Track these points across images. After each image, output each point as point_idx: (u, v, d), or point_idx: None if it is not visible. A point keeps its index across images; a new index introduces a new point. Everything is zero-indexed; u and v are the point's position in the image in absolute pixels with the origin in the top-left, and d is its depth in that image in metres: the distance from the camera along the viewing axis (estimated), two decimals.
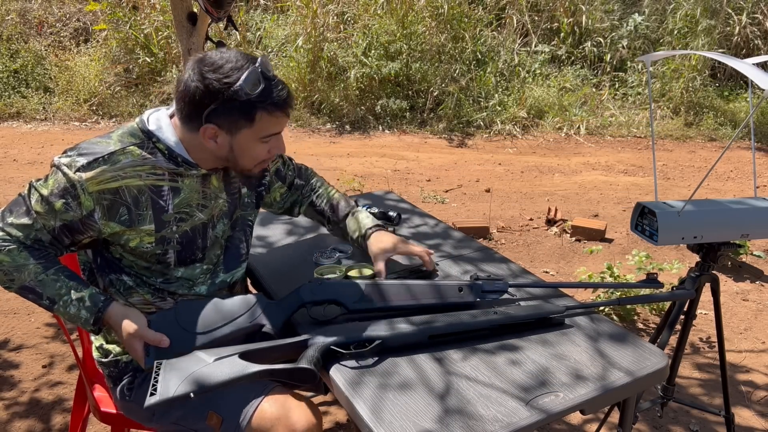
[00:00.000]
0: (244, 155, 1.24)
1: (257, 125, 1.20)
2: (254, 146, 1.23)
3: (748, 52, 7.06)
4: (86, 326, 1.21)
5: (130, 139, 1.22)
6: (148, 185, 1.22)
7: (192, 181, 1.28)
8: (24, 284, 1.19)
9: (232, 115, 1.18)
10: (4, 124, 5.85)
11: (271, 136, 1.24)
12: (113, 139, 1.22)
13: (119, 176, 1.18)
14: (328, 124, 6.23)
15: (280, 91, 1.20)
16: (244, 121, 1.19)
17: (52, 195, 1.16)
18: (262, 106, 1.18)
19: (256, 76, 1.16)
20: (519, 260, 3.49)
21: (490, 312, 1.23)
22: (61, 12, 6.95)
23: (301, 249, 1.64)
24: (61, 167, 1.17)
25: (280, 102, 1.19)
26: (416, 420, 0.99)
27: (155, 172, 1.23)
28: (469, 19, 6.77)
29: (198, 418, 1.28)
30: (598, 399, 1.06)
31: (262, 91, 1.17)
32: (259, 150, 1.25)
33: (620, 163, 5.52)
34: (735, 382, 2.43)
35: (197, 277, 1.34)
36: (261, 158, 1.27)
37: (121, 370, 1.36)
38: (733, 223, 1.50)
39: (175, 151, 1.24)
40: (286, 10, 7.06)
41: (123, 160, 1.19)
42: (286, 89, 1.22)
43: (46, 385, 2.26)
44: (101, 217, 1.18)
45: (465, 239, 1.72)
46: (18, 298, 2.84)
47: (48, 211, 1.17)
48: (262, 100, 1.17)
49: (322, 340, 1.15)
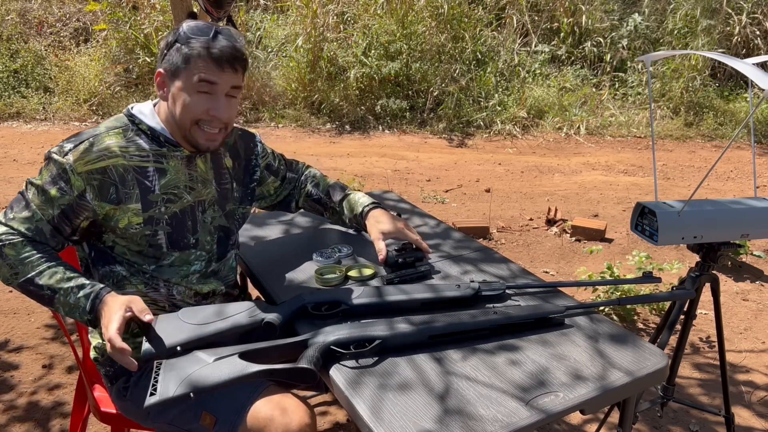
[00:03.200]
0: (181, 105, 1.25)
1: (190, 68, 1.23)
2: (190, 94, 1.24)
3: (748, 52, 7.06)
4: (83, 316, 1.20)
5: (115, 123, 1.30)
6: (132, 165, 1.26)
7: (177, 162, 1.32)
8: (27, 277, 1.19)
9: (173, 58, 1.24)
10: (4, 124, 5.85)
11: (205, 83, 1.23)
12: (101, 127, 1.29)
13: (105, 156, 1.23)
14: (328, 124, 6.23)
15: (221, 44, 1.23)
16: (181, 64, 1.23)
17: (46, 184, 1.21)
18: (197, 52, 1.22)
19: (205, 26, 1.23)
20: (519, 260, 3.49)
21: (489, 312, 1.23)
22: (61, 12, 6.95)
23: (301, 249, 1.64)
24: (51, 156, 1.22)
25: (215, 52, 1.22)
26: (416, 420, 0.99)
27: (140, 153, 1.28)
28: (469, 19, 6.77)
29: (192, 419, 1.28)
30: (597, 399, 1.06)
31: (202, 40, 1.22)
32: (194, 101, 1.24)
33: (620, 163, 5.52)
34: (735, 382, 2.43)
35: (192, 263, 1.36)
36: (197, 113, 1.25)
37: (117, 370, 1.37)
38: (733, 223, 1.50)
39: (156, 130, 1.29)
40: (286, 10, 7.06)
41: (107, 141, 1.25)
42: (230, 47, 1.24)
43: (45, 385, 2.26)
44: (93, 198, 1.23)
45: (465, 239, 1.72)
46: (18, 297, 2.84)
47: (45, 200, 1.21)
48: (200, 45, 1.22)
49: (322, 340, 1.15)
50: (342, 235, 1.74)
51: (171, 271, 1.34)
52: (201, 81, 1.23)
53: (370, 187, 4.57)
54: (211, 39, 1.23)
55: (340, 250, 1.59)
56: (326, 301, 1.29)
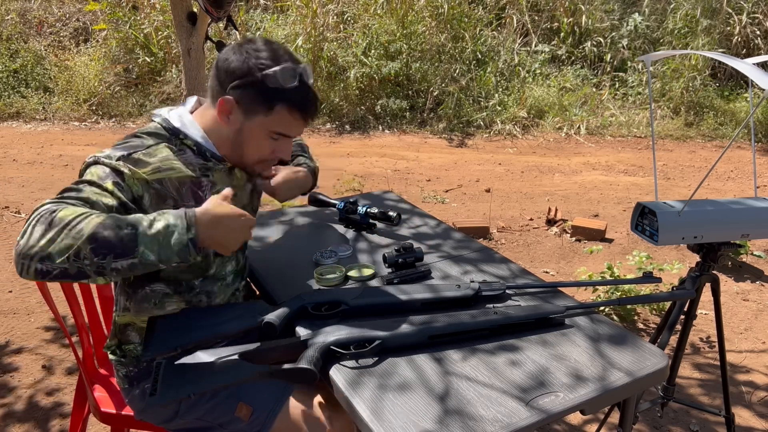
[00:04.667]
0: (250, 144, 1.24)
1: (273, 117, 1.20)
2: (262, 138, 1.23)
3: (748, 52, 7.06)
4: (184, 236, 1.03)
5: (157, 138, 1.22)
6: (186, 178, 1.21)
7: (221, 174, 1.29)
8: (93, 231, 0.98)
9: (254, 96, 1.18)
10: (4, 124, 5.85)
11: (281, 136, 1.24)
12: (143, 137, 1.21)
13: (160, 168, 1.17)
14: (328, 124, 6.23)
15: (309, 97, 1.21)
16: (263, 107, 1.19)
17: (99, 179, 1.09)
18: (286, 101, 1.19)
19: (295, 72, 1.18)
20: (519, 260, 3.49)
21: (489, 312, 1.23)
22: (60, 12, 6.95)
23: (301, 249, 1.64)
24: (99, 160, 1.12)
25: (304, 105, 1.21)
26: (416, 420, 0.99)
27: (190, 168, 1.23)
28: (469, 19, 6.77)
29: (225, 411, 1.28)
30: (598, 399, 1.06)
31: (292, 87, 1.18)
32: (265, 144, 1.24)
33: (620, 163, 5.52)
34: (735, 382, 2.42)
35: (226, 265, 1.34)
36: (264, 155, 1.26)
37: (141, 371, 1.33)
38: (733, 223, 1.50)
39: (203, 146, 1.24)
40: (285, 10, 7.06)
41: (159, 155, 1.18)
42: (316, 101, 1.23)
43: (45, 386, 2.26)
44: (150, 205, 1.15)
45: (465, 239, 1.72)
46: (18, 297, 2.84)
47: (100, 192, 1.08)
48: (287, 95, 1.18)
49: (322, 340, 1.15)
50: (342, 235, 1.74)
51: (213, 281, 1.31)
52: (282, 134, 1.23)
53: (370, 187, 4.56)
54: (304, 92, 1.19)
55: (340, 250, 1.59)
56: (326, 302, 1.29)
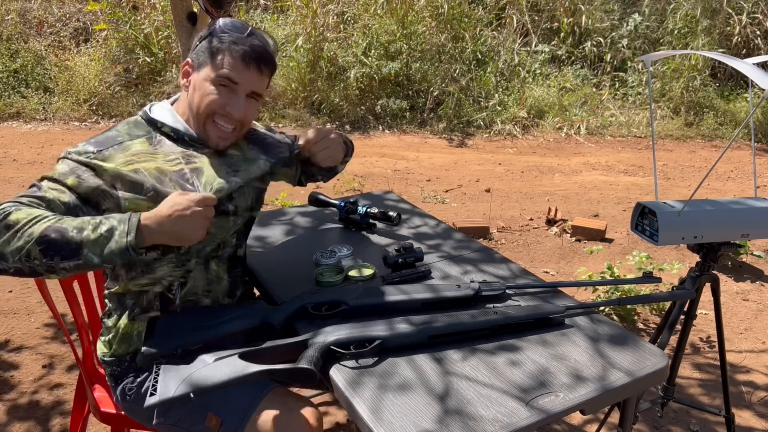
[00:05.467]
0: (199, 95, 1.24)
1: (216, 63, 1.23)
2: (209, 85, 1.23)
3: (748, 52, 7.06)
4: (123, 239, 1.05)
5: (136, 131, 1.25)
6: (167, 170, 1.21)
7: (209, 158, 1.28)
8: (42, 233, 1.03)
9: (203, 50, 1.24)
10: (4, 124, 5.85)
11: (228, 81, 1.23)
12: (121, 131, 1.23)
13: (134, 160, 1.19)
14: (328, 124, 6.23)
15: (252, 43, 1.23)
16: (209, 57, 1.23)
17: (61, 176, 1.14)
18: (227, 45, 1.22)
19: (239, 24, 1.24)
20: (519, 260, 3.49)
21: (489, 312, 1.23)
22: (61, 12, 6.95)
23: (301, 249, 1.64)
24: (69, 155, 1.16)
25: (244, 48, 1.22)
26: (416, 420, 0.99)
27: (170, 158, 1.23)
28: (469, 19, 6.77)
29: (197, 420, 1.27)
30: (598, 399, 1.06)
31: (233, 36, 1.22)
32: (213, 93, 1.23)
33: (620, 163, 5.52)
34: (735, 382, 2.42)
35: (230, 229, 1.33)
36: (213, 106, 1.24)
37: (123, 370, 1.35)
38: (733, 223, 1.50)
39: (180, 131, 1.27)
40: (286, 10, 7.06)
41: (133, 149, 1.21)
42: (260, 47, 1.24)
43: (45, 385, 2.26)
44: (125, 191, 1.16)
45: (465, 239, 1.72)
46: (18, 297, 2.84)
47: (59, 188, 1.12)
48: (230, 42, 1.22)
49: (322, 340, 1.15)
50: (342, 235, 1.74)
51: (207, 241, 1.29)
52: (224, 76, 1.22)
53: (370, 187, 4.56)
54: (244, 36, 1.23)
55: (340, 250, 1.59)
56: (326, 302, 1.29)
